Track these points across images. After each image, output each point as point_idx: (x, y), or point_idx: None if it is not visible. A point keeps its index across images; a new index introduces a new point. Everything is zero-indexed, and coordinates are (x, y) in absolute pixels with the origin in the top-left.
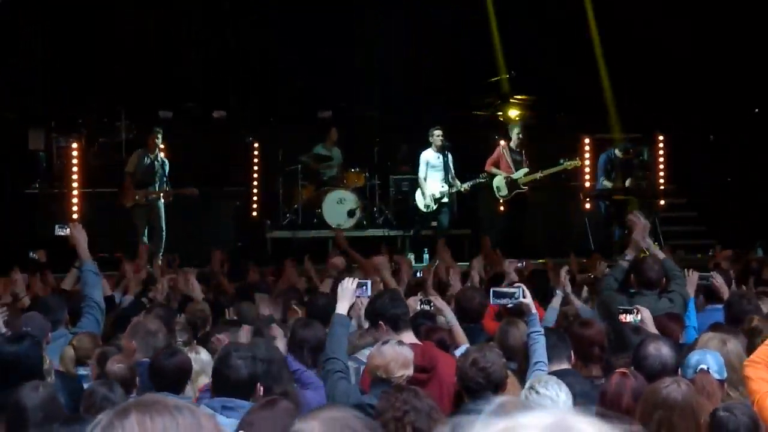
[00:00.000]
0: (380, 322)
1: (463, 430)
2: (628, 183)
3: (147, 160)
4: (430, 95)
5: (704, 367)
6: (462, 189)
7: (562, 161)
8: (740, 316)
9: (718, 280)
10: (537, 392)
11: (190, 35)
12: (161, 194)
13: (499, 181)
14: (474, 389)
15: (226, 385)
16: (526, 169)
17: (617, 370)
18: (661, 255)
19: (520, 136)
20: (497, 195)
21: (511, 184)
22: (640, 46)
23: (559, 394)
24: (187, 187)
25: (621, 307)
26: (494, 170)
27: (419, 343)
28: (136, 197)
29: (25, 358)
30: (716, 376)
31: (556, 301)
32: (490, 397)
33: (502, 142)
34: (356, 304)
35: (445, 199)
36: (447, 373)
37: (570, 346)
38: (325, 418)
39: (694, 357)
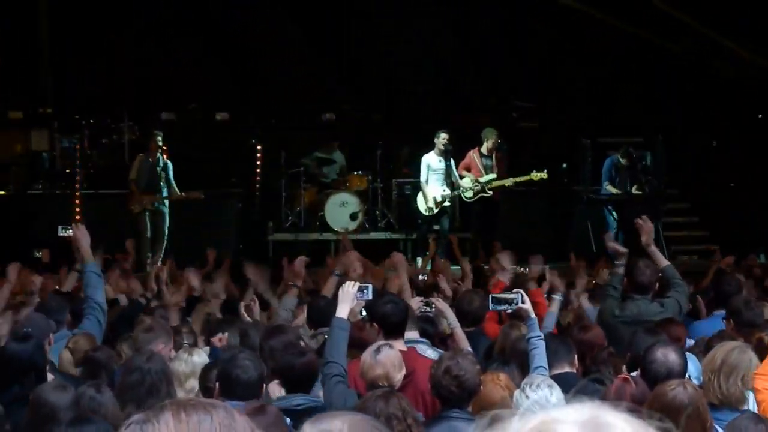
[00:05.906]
0: (374, 324)
1: (502, 426)
2: (633, 189)
3: (149, 165)
4: (436, 98)
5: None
6: (465, 197)
7: (534, 172)
8: (747, 324)
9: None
10: (527, 396)
11: (195, 37)
12: (168, 199)
13: (466, 183)
14: (447, 397)
15: (236, 385)
16: (493, 175)
17: (619, 376)
18: (665, 262)
19: (499, 141)
20: (463, 197)
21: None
22: (642, 49)
23: (549, 398)
24: (192, 190)
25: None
26: (464, 173)
27: (404, 349)
28: (144, 203)
29: (30, 358)
30: (695, 381)
31: (554, 306)
32: (463, 405)
33: (474, 148)
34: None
35: (447, 203)
36: (422, 379)
37: (573, 350)
38: (350, 419)
39: None
